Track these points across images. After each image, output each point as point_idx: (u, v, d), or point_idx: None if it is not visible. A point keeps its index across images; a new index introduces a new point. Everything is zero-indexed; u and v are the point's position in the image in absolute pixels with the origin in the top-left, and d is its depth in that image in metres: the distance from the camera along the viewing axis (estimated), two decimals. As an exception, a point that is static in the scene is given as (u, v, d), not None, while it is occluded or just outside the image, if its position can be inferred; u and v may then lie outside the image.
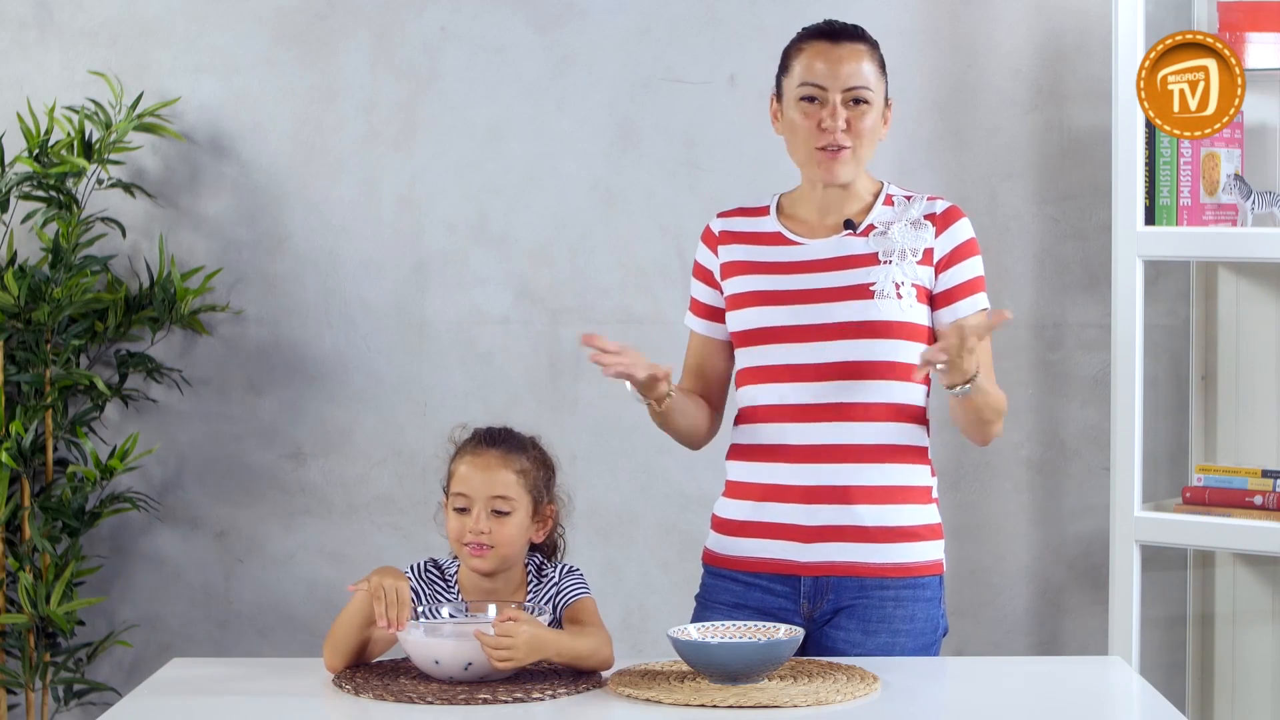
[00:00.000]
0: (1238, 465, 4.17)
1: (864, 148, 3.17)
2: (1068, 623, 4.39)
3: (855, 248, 3.17)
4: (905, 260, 3.15)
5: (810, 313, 3.14)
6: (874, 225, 3.18)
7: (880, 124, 3.19)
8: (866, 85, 3.15)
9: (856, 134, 3.15)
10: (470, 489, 3.01)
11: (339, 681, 2.90)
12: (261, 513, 4.48)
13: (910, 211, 3.19)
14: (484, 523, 2.99)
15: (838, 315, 3.13)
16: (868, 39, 3.20)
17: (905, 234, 3.17)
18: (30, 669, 4.29)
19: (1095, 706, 2.90)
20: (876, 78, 3.18)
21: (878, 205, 3.20)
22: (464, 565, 3.04)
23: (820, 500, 3.13)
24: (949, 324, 3.08)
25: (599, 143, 4.41)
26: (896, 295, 3.13)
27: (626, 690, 2.83)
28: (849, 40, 3.17)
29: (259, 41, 4.43)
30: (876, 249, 3.16)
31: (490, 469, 3.02)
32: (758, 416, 3.18)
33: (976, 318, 3.13)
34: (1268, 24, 4.02)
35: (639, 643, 4.31)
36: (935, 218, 3.18)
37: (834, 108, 3.14)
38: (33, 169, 4.28)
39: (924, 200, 3.20)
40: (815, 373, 3.13)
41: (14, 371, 4.30)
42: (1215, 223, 4.06)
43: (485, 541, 2.99)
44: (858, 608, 3.13)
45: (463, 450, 3.06)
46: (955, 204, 3.22)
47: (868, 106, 3.15)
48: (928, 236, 3.16)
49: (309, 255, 4.45)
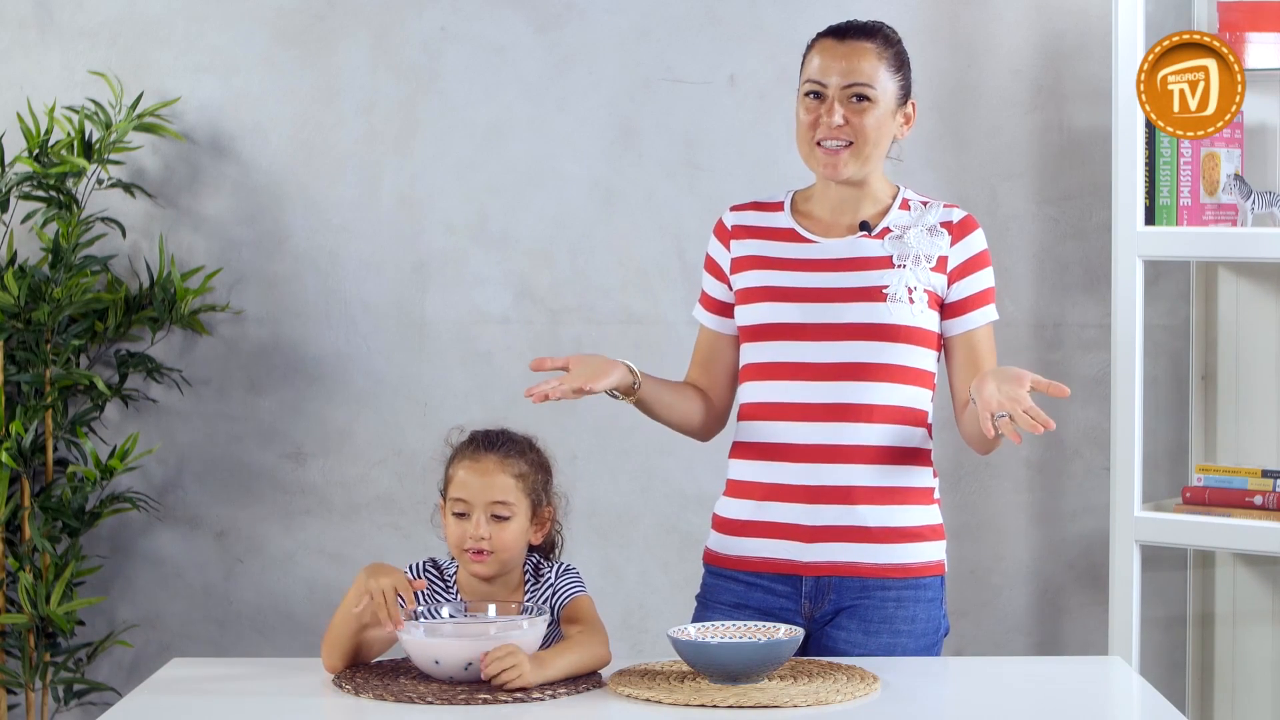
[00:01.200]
0: (1238, 465, 4.17)
1: (867, 145, 3.14)
2: (1068, 623, 4.39)
3: (869, 249, 3.16)
4: (920, 266, 3.14)
5: (821, 311, 3.14)
6: (890, 229, 3.17)
7: (889, 122, 3.16)
8: (866, 82, 3.13)
9: (857, 130, 3.13)
10: (469, 494, 3.00)
11: (339, 681, 2.90)
12: (261, 513, 4.48)
13: (927, 217, 3.18)
14: (484, 528, 2.98)
15: (848, 316, 3.13)
16: (880, 37, 3.17)
17: (921, 239, 3.16)
18: (30, 669, 4.29)
19: (1095, 706, 2.90)
20: (885, 75, 3.15)
21: (894, 209, 3.19)
22: (466, 569, 3.04)
23: (822, 500, 3.13)
24: (994, 389, 2.96)
25: (599, 143, 4.41)
26: (909, 300, 3.12)
27: (626, 690, 2.83)
28: (855, 38, 3.15)
29: (259, 41, 4.43)
30: (891, 252, 3.15)
31: (489, 474, 3.01)
32: (761, 414, 3.18)
33: (1015, 386, 2.98)
34: (1268, 24, 4.02)
35: (639, 643, 4.31)
36: (951, 226, 3.17)
37: (831, 104, 3.13)
38: (33, 169, 4.28)
39: (940, 207, 3.20)
40: (821, 372, 3.13)
41: (14, 371, 4.30)
42: (1215, 223, 4.06)
43: (486, 547, 2.99)
44: (859, 608, 3.13)
45: (460, 454, 3.05)
46: (970, 214, 3.22)
47: (869, 104, 3.13)
48: (943, 244, 3.16)
49: (309, 255, 4.45)
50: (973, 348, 3.16)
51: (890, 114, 3.16)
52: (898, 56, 3.18)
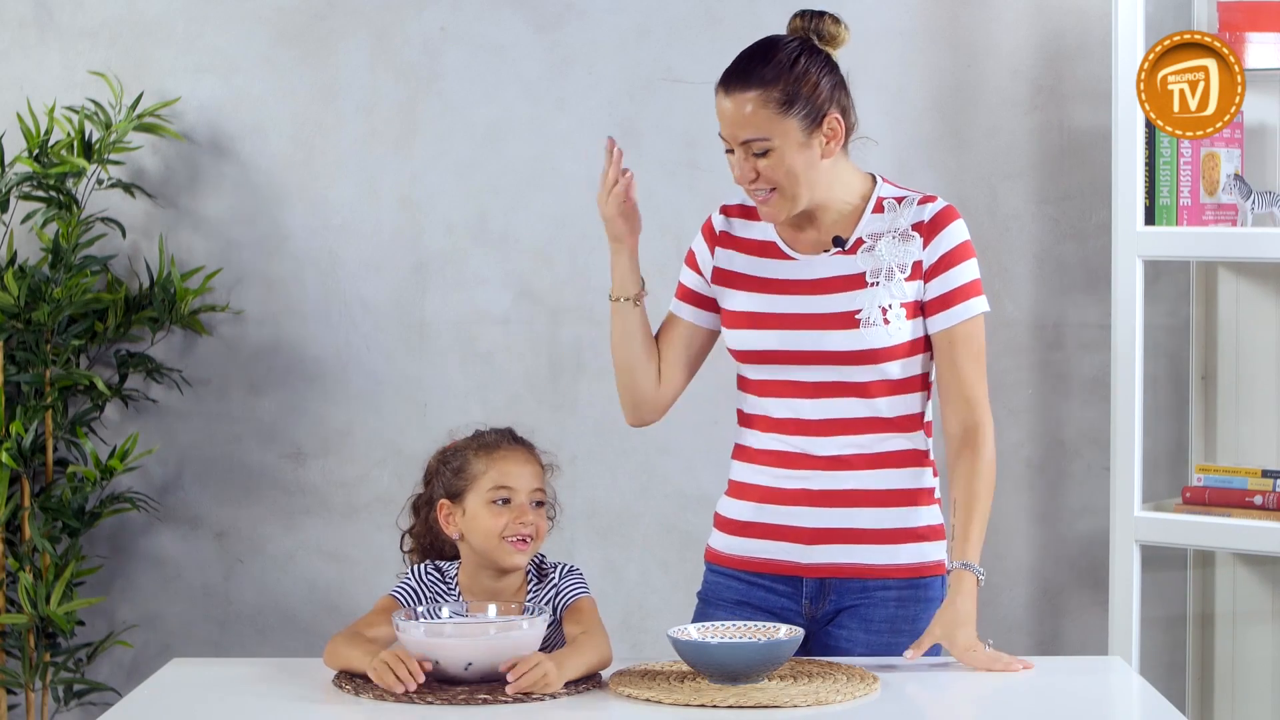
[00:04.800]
0: (1238, 465, 4.17)
1: (793, 185, 3.04)
2: (1068, 623, 4.39)
3: (843, 267, 3.10)
4: (893, 280, 3.08)
5: (799, 339, 3.10)
6: (863, 239, 3.11)
7: (803, 155, 3.02)
8: (755, 135, 3.01)
9: (770, 180, 3.04)
10: (515, 482, 3.01)
11: (339, 681, 2.90)
12: (261, 513, 4.48)
13: (899, 221, 3.10)
14: (531, 514, 3.00)
15: (827, 343, 3.08)
16: (758, 80, 3.01)
17: (892, 249, 3.09)
18: (30, 669, 4.29)
19: (1095, 706, 2.90)
20: (775, 120, 3.00)
21: (867, 213, 3.12)
22: (503, 561, 3.00)
23: (824, 504, 3.12)
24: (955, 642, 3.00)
25: (599, 143, 4.40)
26: (884, 321, 3.07)
27: (626, 690, 2.83)
28: (737, 88, 3.03)
29: (259, 41, 4.43)
30: (865, 268, 3.09)
31: (530, 462, 3.04)
32: (760, 426, 3.17)
33: (974, 655, 3.01)
34: (1268, 24, 4.02)
35: (639, 643, 4.31)
36: (922, 227, 3.09)
37: (740, 158, 3.05)
38: (33, 169, 4.28)
39: (914, 205, 3.11)
40: (814, 390, 3.11)
41: (14, 371, 4.30)
42: (1215, 223, 4.06)
43: (531, 534, 3.00)
44: (860, 608, 3.13)
45: (488, 448, 3.05)
46: (949, 204, 3.12)
47: (771, 151, 3.02)
48: (914, 249, 3.09)
49: (309, 255, 4.45)
50: (952, 345, 3.10)
51: (800, 148, 3.02)
52: (785, 92, 3.01)
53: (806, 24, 3.10)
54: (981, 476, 3.07)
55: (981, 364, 3.10)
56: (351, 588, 4.45)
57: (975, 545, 3.06)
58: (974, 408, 3.08)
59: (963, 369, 3.08)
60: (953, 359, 3.08)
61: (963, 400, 3.07)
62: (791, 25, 3.13)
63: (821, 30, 3.10)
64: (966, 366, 3.08)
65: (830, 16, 3.11)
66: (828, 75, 3.06)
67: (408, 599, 3.02)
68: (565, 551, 3.15)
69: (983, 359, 3.11)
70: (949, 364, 3.09)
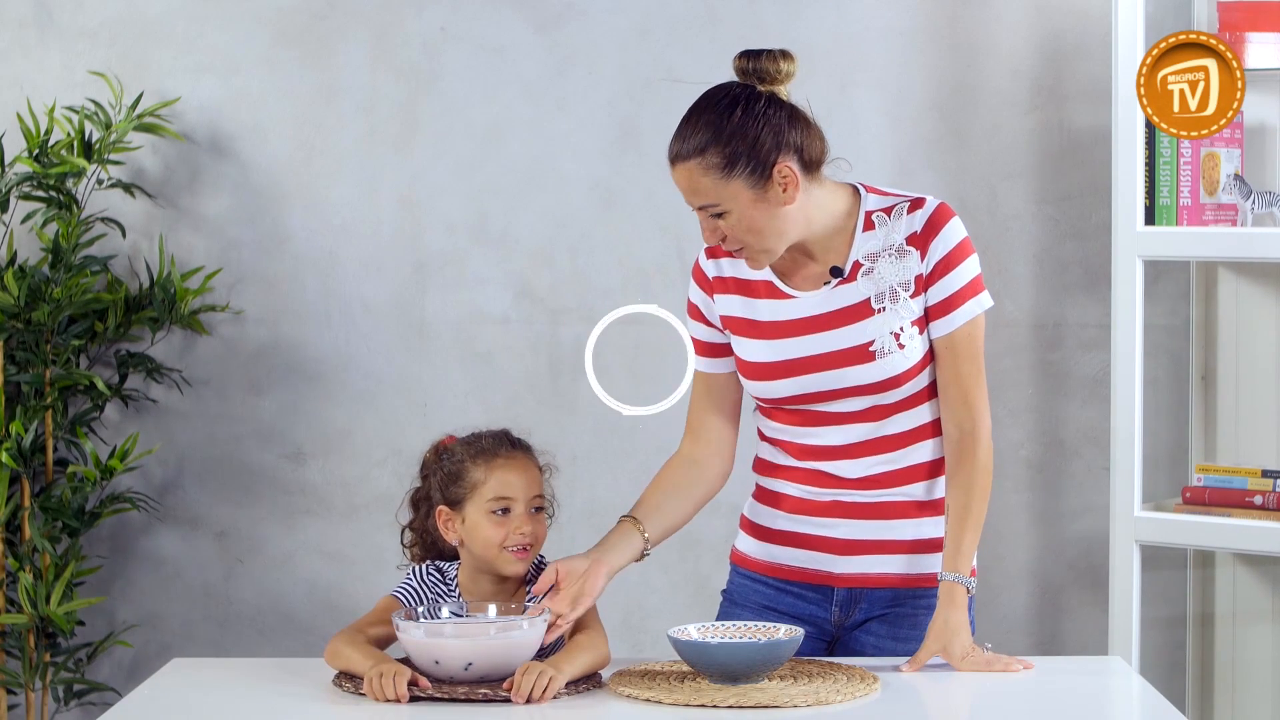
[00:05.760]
0: (1238, 465, 4.17)
1: (761, 240, 2.96)
2: (1068, 623, 4.39)
3: (846, 297, 3.04)
4: (899, 301, 3.02)
5: (819, 380, 3.05)
6: (860, 263, 3.03)
7: (759, 209, 2.93)
8: (705, 203, 2.94)
9: (737, 240, 2.97)
10: (514, 492, 2.99)
11: (339, 681, 2.90)
12: (261, 513, 4.48)
13: (893, 236, 3.02)
14: (529, 525, 2.98)
15: (847, 380, 3.03)
16: (694, 147, 2.91)
17: (891, 269, 3.02)
18: (30, 669, 4.29)
19: (1095, 706, 2.90)
20: (719, 184, 2.91)
21: (858, 234, 3.04)
22: (503, 570, 2.98)
23: (857, 516, 3.09)
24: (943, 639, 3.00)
25: (599, 143, 4.41)
26: (898, 346, 3.02)
27: (626, 690, 2.83)
28: (679, 158, 2.94)
29: (259, 41, 4.43)
30: (868, 294, 3.02)
31: (528, 469, 3.01)
32: (786, 448, 3.12)
33: (971, 661, 3.01)
34: (1268, 24, 4.02)
35: (639, 643, 4.31)
36: (916, 238, 3.02)
37: (702, 222, 2.98)
38: (33, 169, 4.28)
39: (904, 214, 3.03)
40: (838, 419, 3.06)
41: (14, 371, 4.30)
42: (1215, 223, 4.06)
43: (530, 542, 2.99)
44: (890, 615, 3.11)
45: (486, 454, 3.01)
46: (939, 203, 3.04)
47: (729, 214, 2.94)
48: (913, 264, 3.02)
49: (309, 255, 4.45)
50: (953, 348, 3.07)
51: (754, 204, 2.92)
52: (723, 154, 2.90)
53: (746, 65, 2.98)
54: (976, 485, 3.05)
55: (980, 363, 3.08)
56: (351, 588, 4.45)
57: (967, 557, 3.05)
58: (972, 410, 3.06)
59: (963, 371, 3.06)
60: (953, 362, 3.06)
61: (962, 403, 3.06)
62: (736, 65, 3.00)
63: (761, 71, 2.95)
64: (966, 368, 3.07)
65: (770, 54, 2.96)
66: (768, 124, 2.92)
67: (409, 600, 3.02)
68: (565, 551, 3.13)
69: (981, 357, 3.08)
70: (949, 367, 3.06)
